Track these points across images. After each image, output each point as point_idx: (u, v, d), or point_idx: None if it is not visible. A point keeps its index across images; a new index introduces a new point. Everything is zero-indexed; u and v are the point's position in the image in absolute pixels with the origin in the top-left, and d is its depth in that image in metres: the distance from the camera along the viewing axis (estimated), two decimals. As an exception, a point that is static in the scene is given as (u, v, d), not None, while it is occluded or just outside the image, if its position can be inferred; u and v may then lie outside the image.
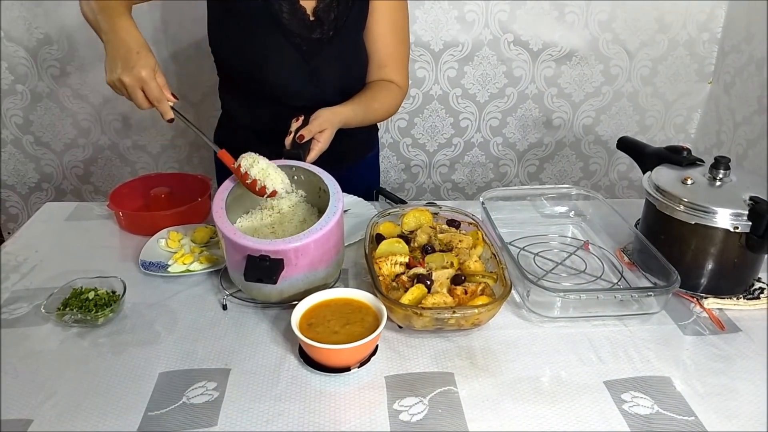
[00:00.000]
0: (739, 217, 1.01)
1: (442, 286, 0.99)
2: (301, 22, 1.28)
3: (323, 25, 1.30)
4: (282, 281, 0.95)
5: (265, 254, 0.92)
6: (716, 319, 1.03)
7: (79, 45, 2.02)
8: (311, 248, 0.95)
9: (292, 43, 1.28)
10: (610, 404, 0.85)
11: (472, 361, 0.92)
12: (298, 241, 0.93)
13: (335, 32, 1.31)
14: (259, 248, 0.93)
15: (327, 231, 0.96)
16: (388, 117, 1.48)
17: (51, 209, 1.40)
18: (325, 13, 1.29)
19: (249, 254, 0.93)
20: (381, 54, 1.41)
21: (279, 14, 1.25)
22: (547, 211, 1.38)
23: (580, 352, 0.95)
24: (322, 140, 1.19)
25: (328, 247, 0.99)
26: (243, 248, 0.93)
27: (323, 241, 0.97)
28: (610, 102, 2.24)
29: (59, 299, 1.01)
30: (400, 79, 1.45)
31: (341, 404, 0.84)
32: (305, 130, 1.17)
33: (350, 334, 0.89)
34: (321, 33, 1.30)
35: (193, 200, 1.32)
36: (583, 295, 0.99)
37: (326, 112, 1.23)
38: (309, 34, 1.29)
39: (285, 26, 1.26)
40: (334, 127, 1.23)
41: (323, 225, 0.96)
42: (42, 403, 0.83)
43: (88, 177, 2.28)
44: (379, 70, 1.43)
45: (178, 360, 0.91)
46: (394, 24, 1.40)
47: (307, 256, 0.95)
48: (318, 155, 1.18)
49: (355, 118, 1.31)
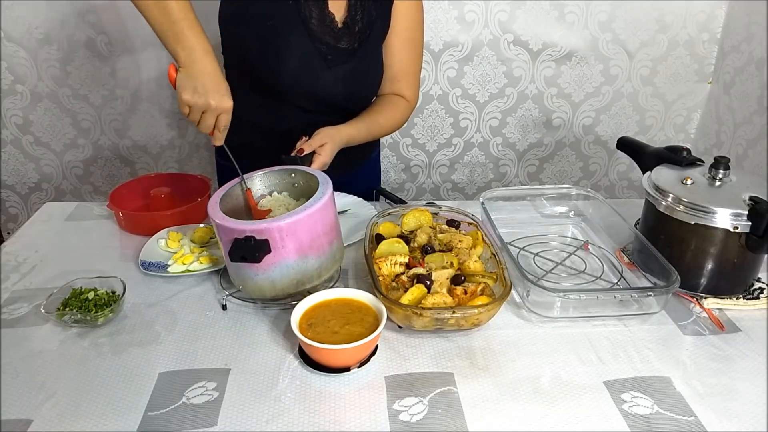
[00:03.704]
0: (739, 217, 1.01)
1: (441, 286, 0.99)
2: (328, 29, 1.28)
3: (351, 35, 1.30)
4: (271, 267, 0.96)
5: (250, 234, 0.93)
6: (716, 319, 1.03)
7: (78, 45, 2.02)
8: (297, 229, 0.95)
9: (317, 49, 1.28)
10: (609, 404, 0.85)
11: (471, 361, 0.92)
12: (282, 220, 0.94)
13: (360, 44, 1.32)
14: (243, 229, 0.94)
15: (313, 212, 0.96)
16: (394, 131, 1.49)
17: (51, 209, 1.39)
18: (353, 24, 1.30)
19: (235, 237, 0.94)
20: (395, 69, 1.42)
21: (308, 19, 1.26)
22: (547, 211, 1.38)
23: (580, 352, 0.95)
24: (323, 153, 1.22)
25: (316, 232, 0.98)
26: (230, 231, 0.95)
27: (310, 223, 0.96)
28: (609, 102, 2.24)
29: (59, 299, 1.01)
30: (411, 93, 1.46)
31: (341, 404, 0.84)
32: (306, 144, 1.21)
33: (350, 334, 0.89)
34: (348, 43, 1.31)
35: (192, 200, 1.32)
36: (582, 295, 0.99)
37: (329, 129, 1.26)
38: (335, 42, 1.29)
39: (313, 31, 1.27)
40: (335, 143, 1.26)
41: (308, 206, 0.96)
42: (42, 403, 0.83)
43: (87, 177, 2.28)
44: (392, 84, 1.44)
45: (177, 360, 0.91)
46: (412, 40, 1.41)
47: (294, 239, 0.95)
48: (320, 168, 1.20)
49: (358, 135, 1.34)
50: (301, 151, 1.20)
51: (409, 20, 1.38)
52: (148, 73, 2.08)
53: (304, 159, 1.19)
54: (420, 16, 1.40)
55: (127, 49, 2.04)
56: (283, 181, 1.15)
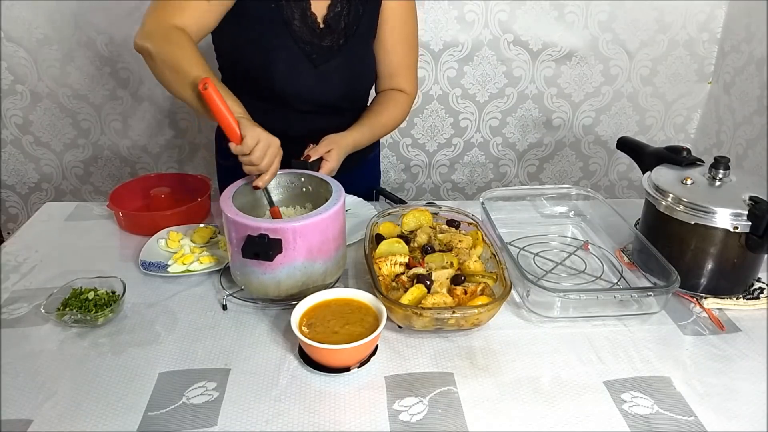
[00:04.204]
0: (739, 217, 1.01)
1: (441, 286, 0.99)
2: (311, 29, 1.28)
3: (333, 33, 1.30)
4: (279, 267, 0.96)
5: (264, 233, 0.94)
6: (716, 319, 1.03)
7: (79, 45, 2.02)
8: (310, 232, 0.96)
9: (301, 50, 1.28)
10: (609, 404, 0.85)
11: (471, 361, 0.92)
12: (297, 222, 0.95)
13: (345, 41, 1.31)
14: (258, 226, 0.94)
15: (327, 217, 0.97)
16: (397, 127, 1.49)
17: (51, 209, 1.39)
18: (335, 22, 1.29)
19: (249, 234, 0.94)
20: (393, 65, 1.42)
21: (290, 20, 1.25)
22: (546, 211, 1.38)
23: (580, 352, 0.95)
24: (331, 159, 1.23)
25: (326, 236, 0.99)
26: (243, 227, 0.95)
27: (322, 227, 0.97)
28: (609, 102, 2.24)
29: (59, 299, 1.01)
30: (409, 86, 1.46)
31: (341, 404, 0.84)
32: (312, 151, 1.23)
33: (350, 334, 0.89)
34: (331, 41, 1.30)
35: (193, 200, 1.32)
36: (582, 295, 0.99)
37: (334, 135, 1.28)
38: (319, 41, 1.29)
39: (295, 32, 1.26)
40: (342, 148, 1.27)
41: (323, 210, 0.98)
42: (42, 404, 0.83)
43: (87, 177, 2.28)
44: (390, 80, 1.44)
45: (177, 360, 0.91)
46: (406, 35, 1.41)
47: (306, 241, 0.96)
48: (328, 174, 1.20)
49: (363, 138, 1.35)
50: (308, 157, 1.21)
51: (400, 15, 1.38)
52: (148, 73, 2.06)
53: (312, 165, 1.20)
54: (411, 10, 1.40)
55: (127, 48, 2.03)
56: (292, 185, 1.16)
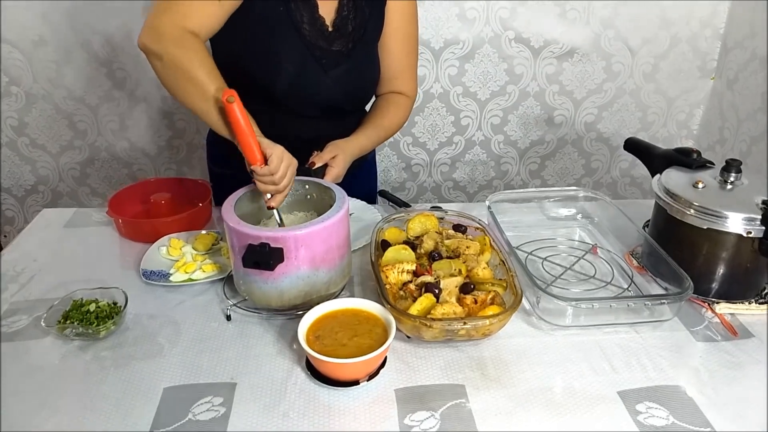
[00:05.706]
0: (752, 222, 0.99)
1: (450, 294, 0.97)
2: (320, 33, 1.25)
3: (342, 37, 1.28)
4: (282, 276, 0.94)
5: (265, 242, 0.92)
6: (728, 325, 1.02)
7: (74, 47, 1.99)
8: (312, 240, 0.94)
9: (312, 55, 1.25)
10: (624, 415, 0.83)
11: (482, 372, 0.91)
12: (299, 230, 0.93)
13: (354, 45, 1.29)
14: (259, 235, 0.93)
15: (329, 224, 0.96)
16: (399, 129, 1.47)
17: (49, 216, 1.37)
18: (344, 25, 1.27)
19: (250, 243, 0.93)
20: (394, 68, 1.40)
21: (299, 24, 1.23)
22: (553, 214, 1.36)
23: (593, 361, 0.93)
24: (336, 166, 1.21)
25: (330, 245, 0.97)
26: (244, 236, 0.93)
27: (325, 236, 0.96)
28: (612, 99, 2.22)
29: (60, 311, 0.98)
30: (410, 88, 1.45)
31: (351, 419, 0.82)
32: (317, 158, 1.21)
33: (359, 346, 0.87)
34: (341, 45, 1.28)
35: (193, 206, 1.30)
36: (596, 304, 0.97)
37: (339, 141, 1.26)
38: (329, 46, 1.27)
39: (305, 36, 1.24)
40: (347, 154, 1.25)
41: (326, 218, 0.96)
42: (45, 421, 0.81)
43: (84, 179, 2.25)
44: (390, 83, 1.42)
45: (182, 374, 0.89)
46: (408, 35, 1.39)
47: (308, 250, 0.94)
48: (333, 181, 1.18)
49: (368, 143, 1.34)
50: (312, 164, 1.19)
51: (402, 16, 1.36)
52: (145, 74, 2.05)
53: (317, 172, 1.18)
54: (414, 11, 1.38)
55: (122, 49, 2.00)
56: (296, 192, 1.14)
